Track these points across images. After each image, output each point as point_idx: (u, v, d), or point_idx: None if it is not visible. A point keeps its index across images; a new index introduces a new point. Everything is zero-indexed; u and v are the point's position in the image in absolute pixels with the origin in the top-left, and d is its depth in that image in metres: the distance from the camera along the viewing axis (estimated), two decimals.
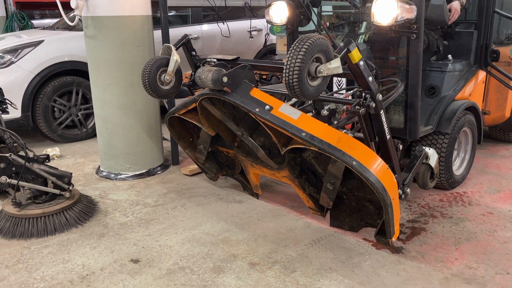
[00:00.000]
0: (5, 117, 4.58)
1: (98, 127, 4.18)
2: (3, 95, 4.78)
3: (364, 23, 3.68)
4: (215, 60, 3.21)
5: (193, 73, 3.42)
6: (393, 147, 2.80)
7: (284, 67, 2.20)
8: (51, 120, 5.18)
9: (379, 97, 2.49)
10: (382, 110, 2.57)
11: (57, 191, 3.23)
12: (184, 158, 4.56)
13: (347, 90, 3.45)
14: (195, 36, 6.40)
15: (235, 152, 3.31)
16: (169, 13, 6.28)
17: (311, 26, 4.03)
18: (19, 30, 7.99)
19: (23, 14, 8.43)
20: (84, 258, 2.82)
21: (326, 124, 2.61)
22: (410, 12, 2.84)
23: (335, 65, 2.25)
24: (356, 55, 2.33)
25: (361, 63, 2.37)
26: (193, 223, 3.26)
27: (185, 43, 3.39)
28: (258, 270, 2.67)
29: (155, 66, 3.07)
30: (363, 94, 2.49)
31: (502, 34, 4.35)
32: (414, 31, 2.98)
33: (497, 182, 3.92)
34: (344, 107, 3.25)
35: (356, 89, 3.25)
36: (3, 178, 3.14)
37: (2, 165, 3.15)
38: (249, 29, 7.06)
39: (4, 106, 4.62)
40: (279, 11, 3.68)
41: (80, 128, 5.39)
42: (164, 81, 3.15)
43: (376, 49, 3.63)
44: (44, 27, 6.84)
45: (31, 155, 3.23)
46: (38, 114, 5.08)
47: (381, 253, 2.84)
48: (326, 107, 3.18)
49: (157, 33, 4.13)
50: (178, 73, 3.22)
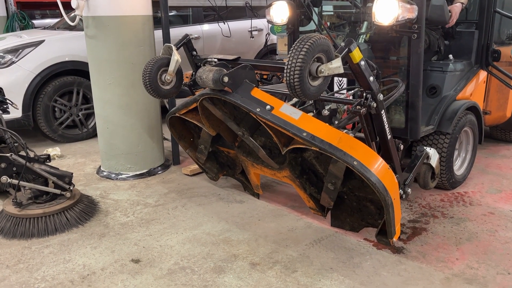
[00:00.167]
0: (6, 117, 4.58)
1: (99, 127, 4.18)
2: (4, 95, 4.78)
3: (365, 23, 3.68)
4: (216, 60, 3.21)
5: (194, 73, 3.42)
6: (394, 147, 2.80)
7: (285, 67, 2.19)
8: (52, 120, 5.18)
9: (380, 97, 2.49)
10: (383, 110, 2.57)
11: (58, 191, 3.23)
12: (185, 158, 4.56)
13: (348, 90, 3.45)
14: (196, 36, 6.40)
15: (236, 152, 3.30)
16: (170, 13, 6.28)
17: (312, 26, 4.03)
18: (20, 30, 8.00)
19: (24, 14, 8.45)
20: (85, 258, 2.82)
21: (327, 124, 2.60)
22: (411, 12, 2.83)
23: (336, 65, 2.25)
24: (357, 55, 2.33)
25: (362, 63, 2.37)
26: (194, 223, 3.26)
27: (186, 43, 3.39)
28: (259, 270, 2.67)
29: (156, 66, 3.07)
30: (364, 94, 2.48)
31: (503, 34, 4.35)
32: (415, 31, 2.97)
33: (498, 182, 3.92)
34: (345, 107, 3.25)
35: (357, 89, 3.25)
36: (4, 178, 3.14)
37: (3, 165, 3.15)
38: (250, 29, 7.05)
39: (5, 106, 4.62)
40: (280, 11, 3.68)
41: (81, 128, 5.39)
42: (165, 81, 3.15)
43: (377, 49, 3.63)
44: (45, 27, 6.84)
45: (32, 155, 3.23)
46: (39, 114, 5.08)
47: (382, 253, 2.84)
48: (327, 107, 3.17)
49: (158, 33, 4.13)
50: (179, 73, 3.22)
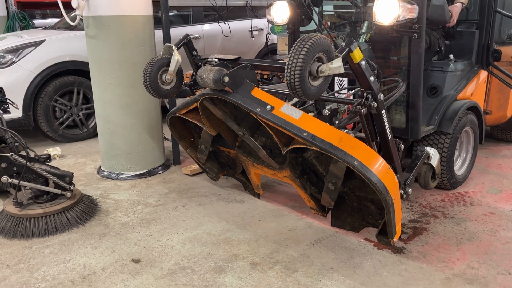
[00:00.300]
0: (7, 117, 4.58)
1: (99, 127, 4.18)
2: (4, 95, 4.78)
3: (366, 23, 3.67)
4: (216, 60, 3.21)
5: (194, 73, 3.42)
6: (395, 147, 2.79)
7: (286, 67, 2.19)
8: (52, 120, 5.18)
9: (381, 97, 2.49)
10: (384, 110, 2.57)
11: (58, 191, 3.23)
12: (185, 158, 4.56)
13: (349, 90, 3.45)
14: (196, 36, 6.40)
15: (236, 152, 3.30)
16: (170, 13, 6.28)
17: (312, 26, 4.02)
18: (20, 30, 8.00)
19: (24, 14, 8.45)
20: (85, 258, 2.82)
21: (328, 124, 2.60)
22: (412, 12, 2.83)
23: (337, 65, 2.25)
24: (358, 55, 2.33)
25: (363, 63, 2.36)
26: (194, 223, 3.26)
27: (186, 43, 3.39)
28: (260, 270, 2.67)
29: (156, 66, 3.07)
30: (365, 94, 2.48)
31: (504, 34, 4.34)
32: (416, 31, 2.97)
33: (499, 182, 3.91)
34: (346, 107, 3.24)
35: (358, 89, 3.24)
36: (5, 178, 3.14)
37: (4, 165, 3.16)
38: (250, 29, 7.05)
39: (6, 106, 4.63)
40: (280, 11, 3.67)
41: (81, 128, 5.39)
42: (165, 81, 3.15)
43: (378, 49, 3.63)
44: (45, 27, 6.85)
45: (33, 155, 3.23)
46: (39, 114, 5.08)
47: (383, 253, 2.84)
48: (328, 107, 3.17)
49: (158, 33, 4.13)
50: (179, 73, 3.22)
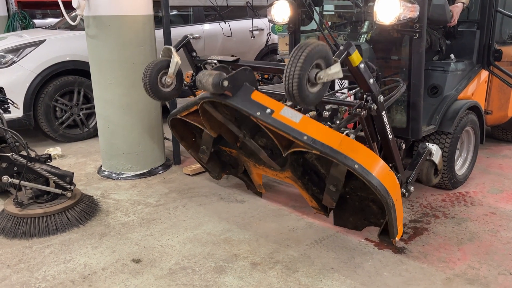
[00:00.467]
0: (7, 117, 4.58)
1: (100, 127, 4.18)
2: (5, 95, 4.78)
3: (367, 22, 3.67)
4: (216, 62, 3.20)
5: (194, 74, 3.41)
6: (396, 147, 2.79)
7: (284, 75, 2.15)
8: (53, 120, 5.18)
9: (381, 99, 2.47)
10: (384, 111, 2.56)
11: (59, 191, 3.23)
12: (186, 158, 4.56)
13: (349, 90, 3.44)
14: (197, 36, 6.39)
15: (238, 153, 3.30)
16: (171, 13, 6.28)
17: (313, 26, 4.02)
18: (21, 30, 8.01)
19: (25, 14, 8.46)
20: (86, 258, 2.82)
21: (328, 127, 2.59)
22: (413, 11, 2.82)
23: (335, 70, 2.22)
24: (356, 58, 2.31)
25: (362, 66, 2.34)
26: (195, 223, 3.26)
27: (185, 44, 3.37)
28: (260, 270, 2.67)
29: (156, 69, 3.06)
30: (364, 96, 2.47)
31: (505, 34, 4.34)
32: (417, 31, 2.97)
33: (500, 182, 3.91)
34: (346, 107, 3.24)
35: (359, 89, 3.24)
36: (5, 178, 3.14)
37: (4, 165, 3.15)
38: (251, 29, 7.05)
39: (6, 106, 4.63)
40: (281, 11, 3.67)
41: (82, 128, 5.39)
42: (165, 84, 3.15)
43: (379, 49, 3.62)
44: (46, 27, 6.85)
45: (33, 155, 3.23)
46: (40, 114, 5.08)
47: (383, 253, 2.83)
48: (328, 107, 3.17)
49: (159, 33, 4.13)
50: (179, 75, 3.21)
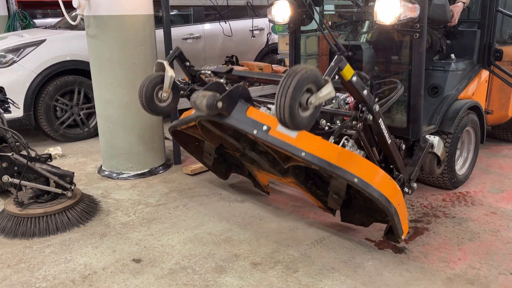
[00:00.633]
0: (7, 116, 4.58)
1: (100, 127, 4.18)
2: (5, 95, 4.78)
3: (367, 22, 3.67)
4: (209, 72, 3.20)
5: (190, 82, 3.42)
6: (396, 149, 2.77)
7: (275, 104, 2.10)
8: (53, 120, 5.17)
9: (376, 108, 2.43)
10: (381, 119, 2.53)
11: (59, 191, 3.23)
12: (186, 158, 4.56)
13: None
14: (197, 35, 6.40)
15: (241, 160, 3.33)
16: (171, 12, 6.27)
17: (313, 25, 4.01)
18: (21, 30, 8.01)
19: (25, 13, 8.46)
20: (86, 258, 2.82)
21: (325, 140, 2.60)
22: (413, 11, 2.82)
23: (326, 92, 2.15)
24: (348, 72, 2.26)
25: (354, 79, 2.30)
26: (195, 223, 3.26)
27: (178, 56, 3.31)
28: (260, 270, 2.67)
29: (151, 85, 3.06)
30: (359, 106, 2.44)
31: (505, 33, 4.34)
32: (417, 30, 2.96)
33: (500, 182, 3.91)
34: (347, 106, 3.24)
35: None
36: (5, 178, 3.14)
37: (4, 165, 3.15)
38: (251, 28, 7.04)
39: (6, 105, 4.63)
40: (281, 10, 3.66)
41: (82, 128, 5.39)
42: (162, 99, 3.16)
43: (379, 48, 3.62)
44: (46, 26, 6.84)
45: (33, 155, 3.22)
46: (40, 114, 5.08)
47: (384, 253, 2.83)
48: (329, 106, 3.17)
49: (159, 32, 4.13)
50: (175, 88, 3.23)
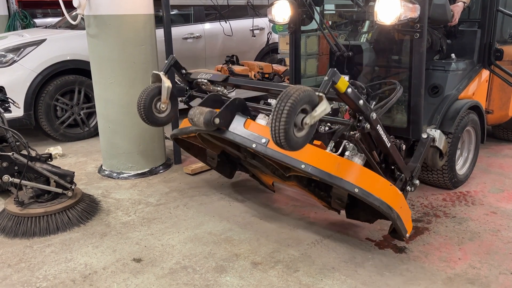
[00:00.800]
0: (8, 116, 4.57)
1: (100, 126, 4.18)
2: (6, 94, 4.78)
3: (367, 22, 3.67)
4: (206, 81, 3.19)
5: (187, 88, 3.42)
6: (396, 151, 2.75)
7: (270, 128, 2.10)
8: (54, 119, 5.17)
9: (373, 116, 2.42)
10: (379, 125, 2.51)
11: (60, 190, 3.23)
12: (186, 157, 4.55)
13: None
14: (198, 35, 6.39)
15: (243, 164, 3.35)
16: (171, 12, 6.28)
17: (314, 25, 4.01)
18: (22, 29, 8.01)
19: (25, 13, 8.47)
20: (87, 257, 2.82)
21: (324, 151, 2.62)
22: (414, 11, 2.82)
23: (321, 109, 2.14)
24: (343, 84, 2.24)
25: (349, 90, 2.28)
26: (196, 223, 3.26)
27: (173, 64, 3.31)
28: (261, 270, 2.67)
29: (149, 98, 3.10)
30: (357, 115, 2.43)
31: (506, 33, 4.34)
32: (417, 30, 2.96)
33: (501, 182, 3.91)
34: (347, 107, 3.24)
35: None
36: (6, 177, 3.14)
37: (5, 164, 3.15)
38: (252, 28, 7.05)
39: (7, 105, 4.63)
40: (282, 10, 3.66)
41: (82, 127, 5.39)
42: (160, 109, 3.19)
43: (379, 49, 3.62)
44: (46, 26, 6.84)
45: (34, 154, 3.23)
46: (41, 113, 5.08)
47: (384, 253, 2.83)
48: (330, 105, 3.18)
49: (160, 32, 4.13)
50: (173, 97, 3.25)
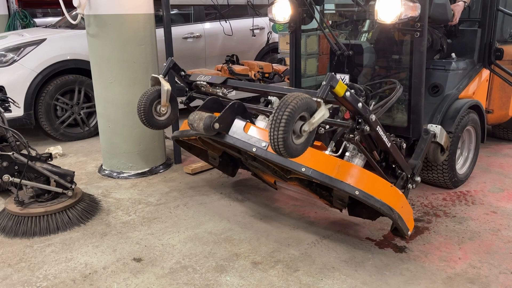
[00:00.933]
0: (8, 116, 4.58)
1: (101, 126, 4.18)
2: (6, 94, 4.78)
3: (368, 21, 3.67)
4: (205, 84, 3.20)
5: (187, 89, 3.42)
6: (397, 150, 2.75)
7: (269, 137, 2.10)
8: (54, 119, 5.17)
9: (372, 118, 2.42)
10: (378, 126, 2.51)
11: (60, 190, 3.23)
12: (187, 157, 4.55)
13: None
14: (198, 35, 6.39)
15: (245, 164, 3.36)
16: (172, 11, 6.27)
17: (314, 24, 4.01)
18: (22, 29, 8.00)
19: (25, 13, 8.46)
20: (87, 257, 2.82)
21: (324, 153, 2.62)
22: (414, 10, 2.82)
23: (319, 116, 2.13)
24: (341, 88, 2.23)
25: (348, 94, 2.27)
26: (196, 222, 3.26)
27: (172, 67, 3.29)
28: (261, 269, 2.67)
29: (149, 102, 3.10)
30: (356, 117, 2.43)
31: (506, 32, 4.33)
32: (418, 29, 2.96)
33: (501, 181, 3.90)
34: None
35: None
36: (6, 177, 3.14)
37: (5, 164, 3.15)
38: (252, 28, 7.04)
39: (7, 105, 4.63)
40: (282, 9, 3.66)
41: (83, 127, 5.39)
42: (161, 113, 3.20)
43: (380, 48, 3.62)
44: (47, 26, 6.85)
45: (34, 154, 3.23)
46: (41, 113, 5.08)
47: (384, 253, 2.83)
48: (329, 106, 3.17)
49: (160, 32, 4.13)
50: (173, 100, 3.25)
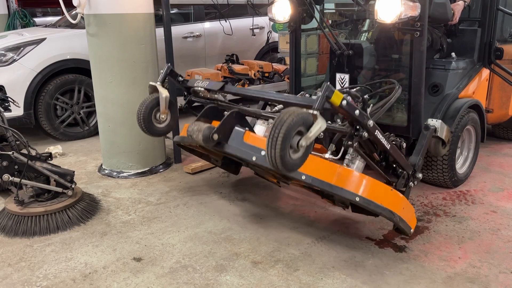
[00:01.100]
0: (8, 115, 4.58)
1: (100, 125, 4.18)
2: (6, 93, 4.78)
3: (368, 21, 3.66)
4: (203, 89, 3.17)
5: (186, 93, 3.43)
6: (397, 151, 2.75)
7: (266, 154, 2.10)
8: (53, 118, 5.17)
9: (370, 124, 2.42)
10: (377, 130, 2.51)
11: (60, 189, 3.23)
12: (187, 157, 4.55)
13: (351, 89, 3.43)
14: (197, 34, 6.39)
15: (247, 166, 3.38)
16: (171, 11, 6.27)
17: (314, 24, 4.01)
18: (21, 28, 8.00)
19: (25, 12, 8.46)
20: (87, 257, 2.82)
21: (323, 160, 2.62)
22: (414, 10, 2.82)
23: (316, 129, 2.12)
24: (337, 98, 2.22)
25: (344, 103, 2.27)
26: (196, 222, 3.26)
27: (169, 73, 3.28)
28: (261, 269, 2.67)
29: (148, 110, 3.11)
30: (354, 124, 2.42)
31: (506, 32, 4.33)
32: (418, 29, 2.96)
33: (501, 181, 3.90)
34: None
35: (361, 87, 3.22)
36: (6, 176, 3.14)
37: (5, 163, 3.15)
38: (252, 27, 7.04)
39: (7, 104, 4.63)
40: (282, 9, 3.66)
41: (82, 126, 5.39)
42: (160, 120, 3.21)
43: (380, 47, 3.62)
44: (46, 25, 6.85)
45: (34, 153, 3.23)
46: (41, 112, 5.08)
47: (384, 252, 2.83)
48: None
49: (160, 31, 4.13)
50: (172, 106, 3.26)
